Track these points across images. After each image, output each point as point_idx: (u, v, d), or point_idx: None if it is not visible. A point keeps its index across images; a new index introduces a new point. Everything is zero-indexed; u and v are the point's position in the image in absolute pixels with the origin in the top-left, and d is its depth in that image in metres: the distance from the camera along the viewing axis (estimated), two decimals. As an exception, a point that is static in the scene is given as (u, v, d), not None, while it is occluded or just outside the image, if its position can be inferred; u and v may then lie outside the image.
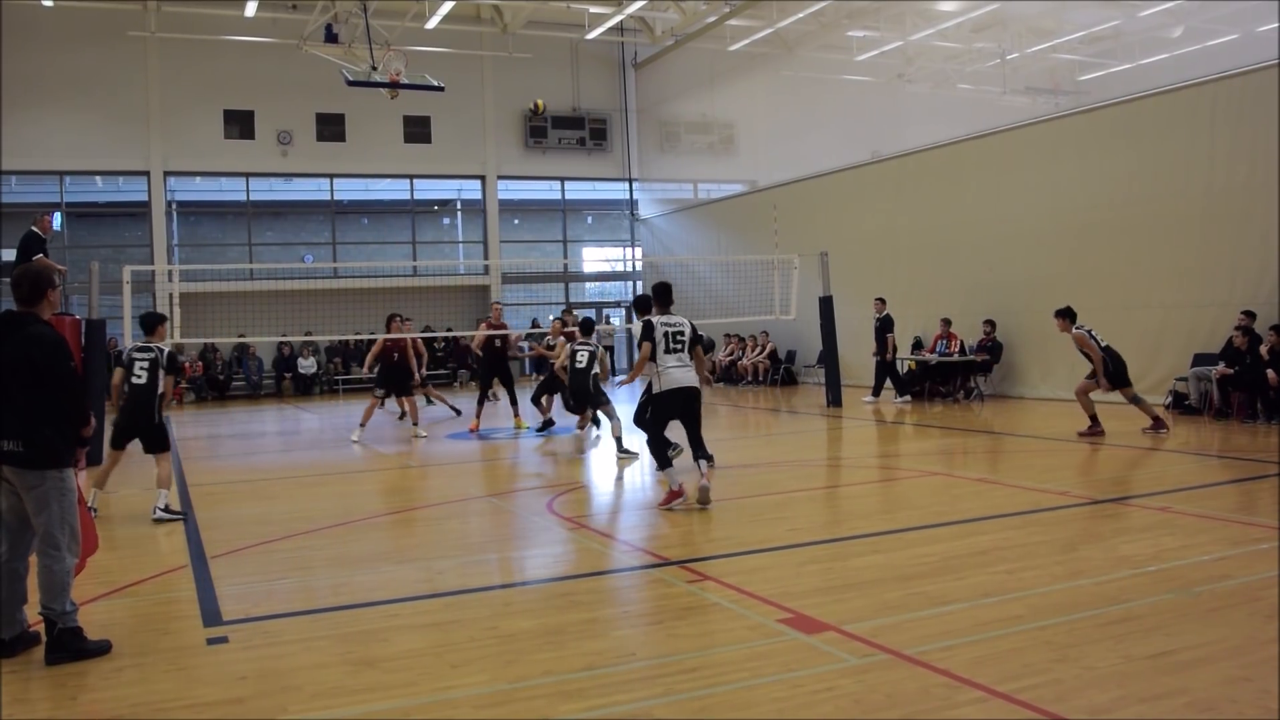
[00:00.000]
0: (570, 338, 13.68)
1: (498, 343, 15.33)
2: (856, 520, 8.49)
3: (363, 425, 14.51)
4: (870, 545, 7.23)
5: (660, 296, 8.84)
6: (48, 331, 5.28)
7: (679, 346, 8.54)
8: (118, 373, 8.71)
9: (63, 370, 5.20)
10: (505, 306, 28.16)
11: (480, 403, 15.20)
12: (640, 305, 9.40)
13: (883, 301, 17.85)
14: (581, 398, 12.70)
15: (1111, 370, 12.34)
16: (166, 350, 8.69)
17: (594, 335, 13.02)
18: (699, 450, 8.65)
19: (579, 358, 12.40)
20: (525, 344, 18.70)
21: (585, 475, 11.39)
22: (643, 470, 11.78)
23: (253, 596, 6.49)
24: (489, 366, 15.70)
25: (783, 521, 8.39)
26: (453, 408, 17.62)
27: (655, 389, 8.58)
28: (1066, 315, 12.89)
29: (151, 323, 8.81)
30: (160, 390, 8.53)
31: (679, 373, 8.52)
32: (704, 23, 25.42)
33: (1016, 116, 22.57)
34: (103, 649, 5.16)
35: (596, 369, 12.52)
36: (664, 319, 8.63)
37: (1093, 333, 12.51)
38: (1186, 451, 11.29)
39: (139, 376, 8.52)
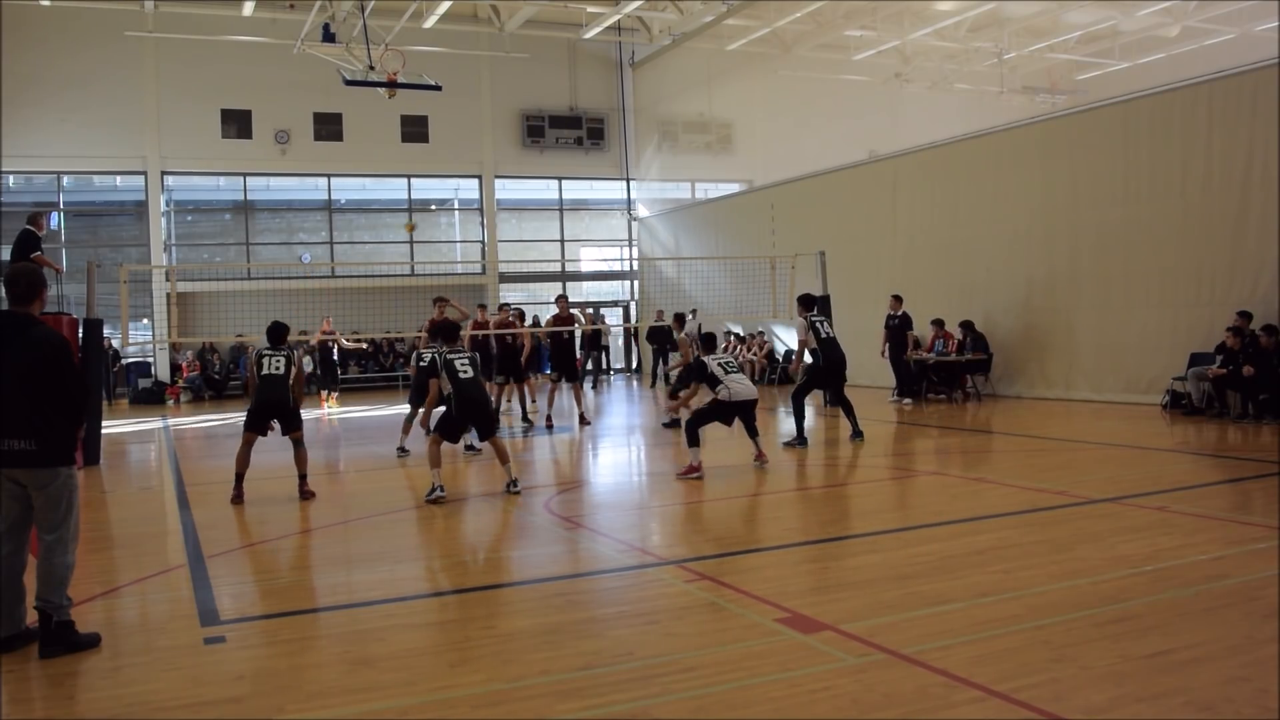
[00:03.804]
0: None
1: (566, 335, 15.52)
2: (853, 520, 8.49)
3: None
4: (867, 545, 7.24)
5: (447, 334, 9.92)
6: (53, 332, 5.37)
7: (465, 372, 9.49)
8: (251, 368, 9.90)
9: (72, 370, 5.28)
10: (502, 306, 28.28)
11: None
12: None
13: (899, 299, 17.72)
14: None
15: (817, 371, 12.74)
16: (295, 352, 9.94)
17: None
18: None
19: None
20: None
21: (583, 475, 11.39)
22: (640, 470, 11.78)
23: (250, 596, 6.49)
24: (557, 358, 16.03)
25: (780, 521, 8.40)
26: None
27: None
28: (805, 302, 13.06)
29: (282, 332, 9.93)
30: (291, 380, 9.64)
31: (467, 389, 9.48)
32: (701, 22, 25.41)
33: (1014, 116, 22.62)
34: (93, 642, 5.22)
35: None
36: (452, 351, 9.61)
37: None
38: (1183, 451, 11.31)
39: (277, 369, 9.60)
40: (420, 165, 27.92)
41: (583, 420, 15.46)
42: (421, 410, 12.51)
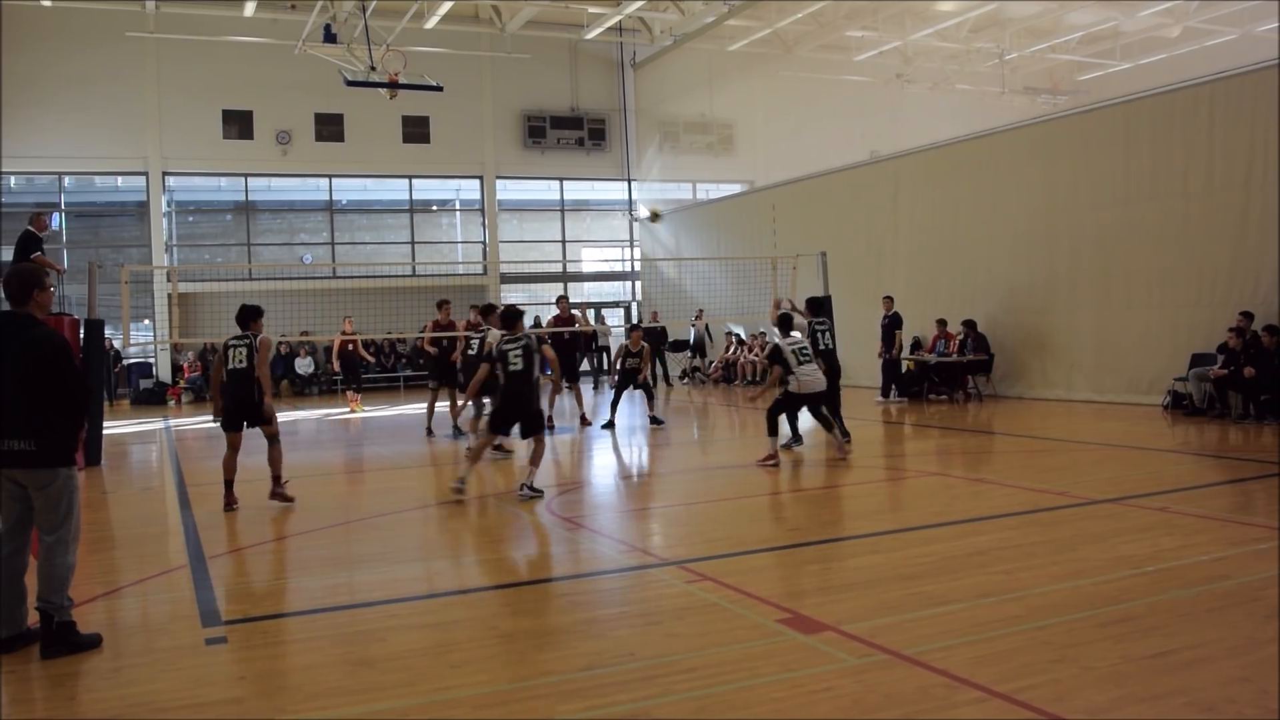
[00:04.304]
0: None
1: (566, 336, 15.36)
2: (855, 520, 8.49)
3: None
4: (869, 545, 7.24)
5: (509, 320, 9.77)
6: (53, 332, 5.35)
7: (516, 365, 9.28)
8: (217, 360, 9.23)
9: (72, 370, 5.27)
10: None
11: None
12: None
13: (891, 300, 17.79)
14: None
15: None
16: (260, 337, 9.12)
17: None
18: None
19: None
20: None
21: (585, 475, 11.39)
22: (642, 471, 11.78)
23: (251, 597, 6.49)
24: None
25: (781, 521, 8.40)
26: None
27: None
28: (812, 307, 12.75)
29: (247, 316, 9.18)
30: (256, 374, 8.95)
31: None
32: (703, 23, 25.42)
33: (1015, 116, 22.62)
34: (94, 642, 5.22)
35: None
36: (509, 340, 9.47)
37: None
38: (1185, 452, 11.30)
39: (240, 362, 8.93)
40: (421, 166, 27.92)
41: (583, 421, 15.46)
42: (461, 400, 12.55)
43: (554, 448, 13.59)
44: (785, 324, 11.38)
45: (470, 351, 12.58)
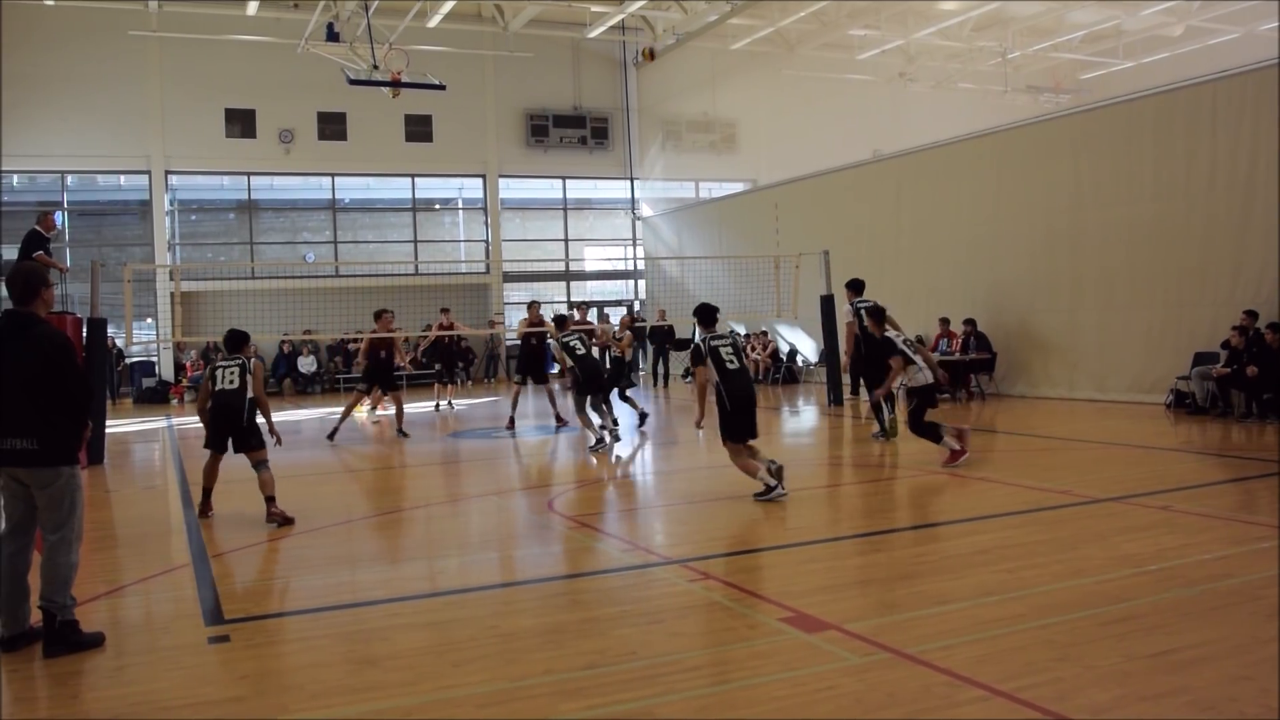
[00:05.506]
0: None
1: (534, 340, 15.52)
2: (858, 519, 8.49)
3: (340, 423, 14.95)
4: (871, 544, 7.24)
5: (704, 317, 9.15)
6: (55, 331, 5.35)
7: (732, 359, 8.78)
8: (206, 382, 8.85)
9: (73, 369, 5.26)
10: (506, 305, 28.28)
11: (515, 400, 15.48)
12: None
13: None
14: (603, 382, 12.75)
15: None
16: (253, 360, 8.84)
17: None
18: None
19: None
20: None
21: (587, 474, 11.39)
22: (641, 470, 11.79)
23: (254, 595, 6.50)
24: (525, 362, 15.85)
25: (784, 520, 8.39)
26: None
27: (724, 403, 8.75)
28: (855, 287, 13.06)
29: (239, 340, 8.92)
30: (250, 395, 8.58)
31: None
32: (705, 21, 25.41)
33: (1018, 115, 22.58)
34: (96, 641, 5.22)
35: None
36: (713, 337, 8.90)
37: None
38: (1187, 450, 11.29)
39: (230, 382, 8.58)
40: (424, 164, 27.92)
41: (559, 421, 15.28)
42: (587, 401, 12.88)
43: (552, 447, 13.60)
44: (878, 315, 10.84)
45: (578, 353, 12.76)
